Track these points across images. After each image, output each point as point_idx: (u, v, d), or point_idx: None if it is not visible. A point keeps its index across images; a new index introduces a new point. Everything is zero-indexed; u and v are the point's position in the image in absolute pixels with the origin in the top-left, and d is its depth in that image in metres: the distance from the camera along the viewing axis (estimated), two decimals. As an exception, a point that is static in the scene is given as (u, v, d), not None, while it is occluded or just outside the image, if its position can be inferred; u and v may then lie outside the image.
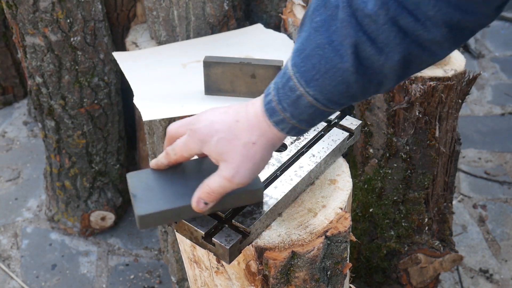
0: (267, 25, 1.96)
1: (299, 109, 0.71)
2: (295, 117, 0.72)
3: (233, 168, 0.75)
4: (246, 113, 0.76)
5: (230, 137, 0.75)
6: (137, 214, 0.80)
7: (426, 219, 1.68)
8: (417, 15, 0.62)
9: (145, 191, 0.83)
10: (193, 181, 0.82)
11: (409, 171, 1.59)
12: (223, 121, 0.76)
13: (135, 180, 0.85)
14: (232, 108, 0.79)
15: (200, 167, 0.86)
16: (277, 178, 0.93)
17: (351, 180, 0.99)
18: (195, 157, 0.87)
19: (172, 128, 0.83)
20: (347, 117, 1.08)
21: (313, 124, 0.75)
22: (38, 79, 1.93)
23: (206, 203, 0.79)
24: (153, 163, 0.86)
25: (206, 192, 0.78)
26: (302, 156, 0.98)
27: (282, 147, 1.00)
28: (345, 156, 1.06)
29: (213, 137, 0.76)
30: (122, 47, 2.04)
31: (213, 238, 0.81)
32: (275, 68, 1.38)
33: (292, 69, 0.70)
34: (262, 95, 0.76)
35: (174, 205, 0.81)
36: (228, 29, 1.81)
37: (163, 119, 1.57)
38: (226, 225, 0.84)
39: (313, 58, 0.68)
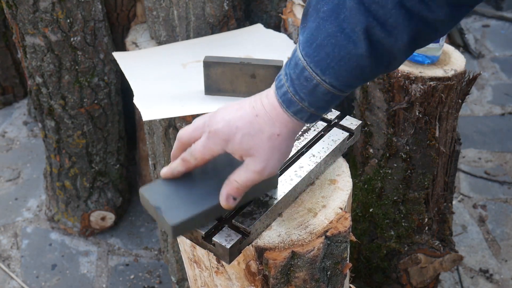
0: (267, 25, 1.96)
1: (316, 97, 0.73)
2: (313, 105, 0.74)
3: (263, 161, 0.77)
4: (263, 106, 0.77)
5: (253, 132, 0.76)
6: (170, 225, 0.77)
7: (426, 219, 1.68)
8: None
9: (167, 201, 0.81)
10: (208, 181, 0.83)
11: (409, 171, 1.59)
12: (243, 117, 0.77)
13: (151, 193, 0.83)
14: (245, 103, 0.79)
15: (208, 167, 0.85)
16: (277, 178, 0.93)
17: (351, 180, 0.99)
18: None
19: (185, 134, 0.83)
20: (347, 117, 1.08)
21: (328, 109, 0.77)
22: (38, 79, 1.93)
23: (235, 199, 0.80)
24: (167, 172, 0.85)
25: (235, 187, 0.79)
26: (302, 156, 0.98)
27: None
28: (345, 156, 1.06)
29: (236, 135, 0.77)
30: (122, 47, 2.04)
31: (213, 238, 0.81)
32: (275, 68, 1.38)
33: (304, 59, 0.72)
34: (272, 87, 0.77)
35: (202, 208, 0.80)
36: (228, 29, 1.81)
37: (163, 119, 1.57)
38: (226, 225, 0.84)
39: (326, 47, 0.70)
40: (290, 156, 0.97)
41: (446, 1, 0.65)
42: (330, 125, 1.06)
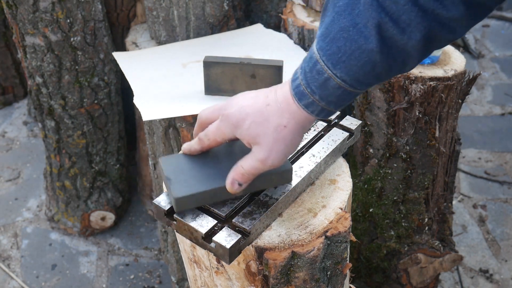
0: (267, 25, 1.96)
1: (327, 91, 0.74)
2: (324, 99, 0.75)
3: (266, 150, 0.78)
4: (276, 97, 0.78)
5: (261, 121, 0.78)
6: (173, 197, 0.82)
7: (426, 219, 1.68)
8: None
9: (179, 174, 0.86)
10: (224, 164, 0.86)
11: (409, 171, 1.59)
12: (254, 105, 0.79)
13: (168, 164, 0.88)
14: (261, 92, 0.81)
15: (230, 150, 0.89)
16: (277, 178, 0.93)
17: (351, 180, 0.99)
18: None
19: (203, 114, 0.86)
20: (347, 117, 1.08)
21: (341, 105, 0.77)
22: (38, 79, 1.93)
23: (240, 184, 0.82)
24: (185, 148, 0.89)
25: (240, 173, 0.81)
26: (302, 156, 0.98)
27: None
28: (345, 156, 1.06)
29: (245, 121, 0.79)
30: (122, 47, 2.04)
31: (213, 238, 0.81)
32: (275, 68, 1.38)
33: (318, 52, 0.72)
34: (289, 79, 0.78)
35: (209, 187, 0.84)
36: (228, 29, 1.81)
37: (163, 119, 1.57)
38: (226, 225, 0.84)
39: (339, 41, 0.70)
40: (288, 158, 0.98)
41: None
42: (330, 125, 1.06)
